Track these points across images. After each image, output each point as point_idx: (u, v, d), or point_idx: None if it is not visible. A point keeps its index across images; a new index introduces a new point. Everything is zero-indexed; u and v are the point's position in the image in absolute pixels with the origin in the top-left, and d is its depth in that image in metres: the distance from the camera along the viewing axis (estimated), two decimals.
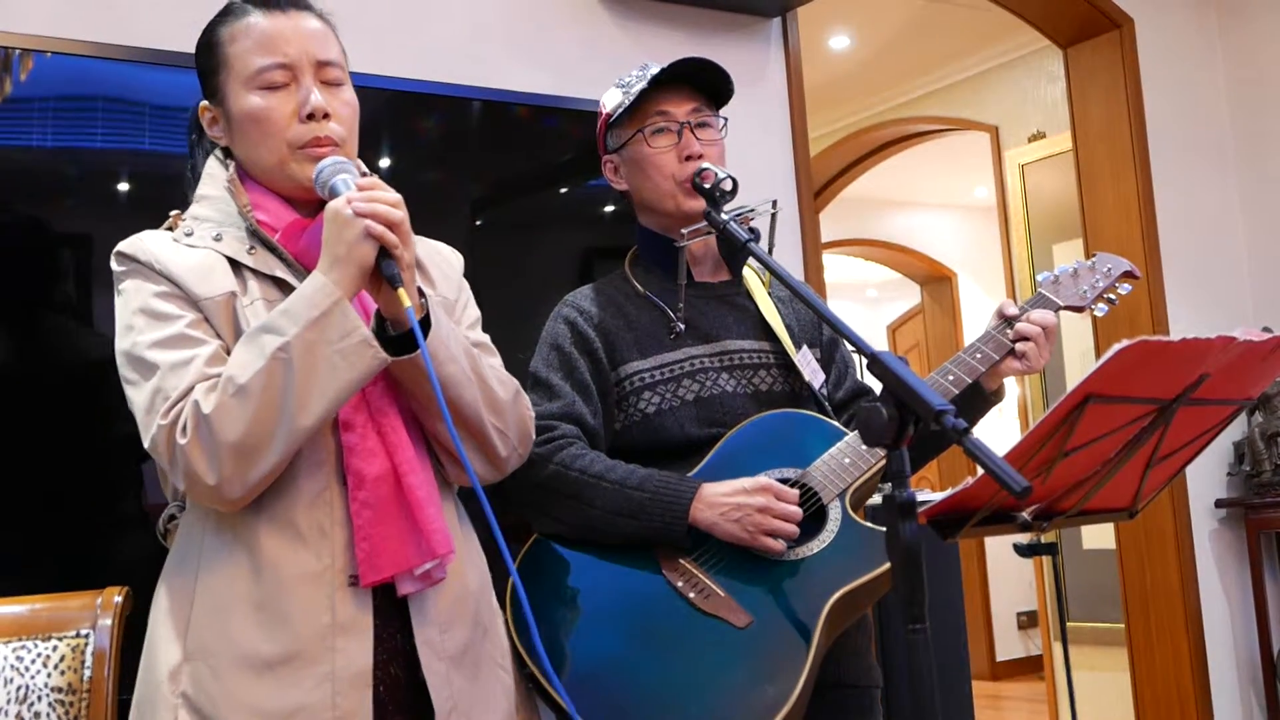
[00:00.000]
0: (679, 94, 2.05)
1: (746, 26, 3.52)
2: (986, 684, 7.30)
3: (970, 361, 2.00)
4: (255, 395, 1.41)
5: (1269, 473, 4.42)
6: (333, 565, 1.49)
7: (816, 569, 1.85)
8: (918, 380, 1.33)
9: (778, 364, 2.07)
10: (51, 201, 2.41)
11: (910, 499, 1.32)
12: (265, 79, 1.58)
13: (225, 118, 1.63)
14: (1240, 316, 4.52)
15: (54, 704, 1.77)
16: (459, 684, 1.56)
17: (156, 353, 1.48)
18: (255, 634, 1.47)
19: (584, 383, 1.98)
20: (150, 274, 1.54)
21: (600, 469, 1.89)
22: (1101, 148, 4.51)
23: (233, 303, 1.53)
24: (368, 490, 1.50)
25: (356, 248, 1.45)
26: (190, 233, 1.59)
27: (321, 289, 1.45)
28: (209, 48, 1.64)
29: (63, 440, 2.33)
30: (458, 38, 3.00)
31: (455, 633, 1.58)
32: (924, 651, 1.30)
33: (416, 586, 1.53)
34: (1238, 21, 4.77)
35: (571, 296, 2.10)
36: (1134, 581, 4.42)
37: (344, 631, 1.48)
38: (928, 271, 8.18)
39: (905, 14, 5.32)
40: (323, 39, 1.62)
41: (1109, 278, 2.14)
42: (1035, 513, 1.82)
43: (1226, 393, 1.77)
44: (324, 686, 1.46)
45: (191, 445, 1.43)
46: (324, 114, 1.58)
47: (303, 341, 1.42)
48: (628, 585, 1.88)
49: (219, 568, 1.50)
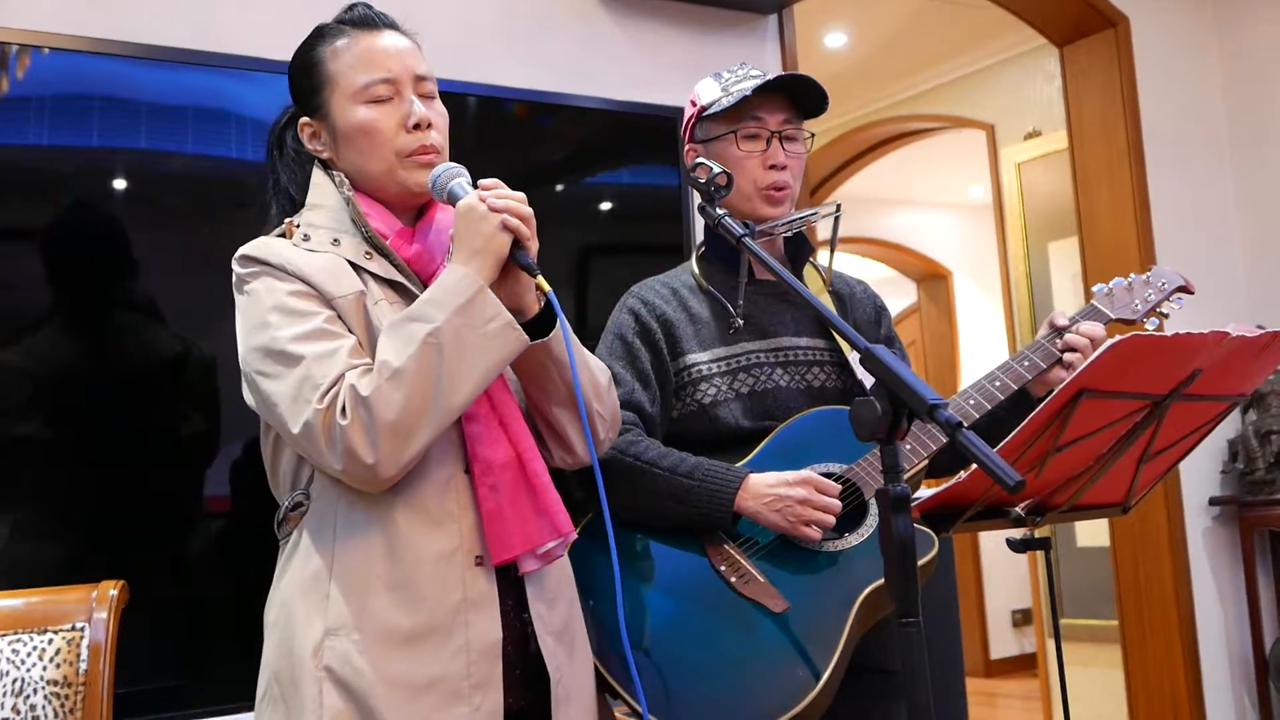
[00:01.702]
0: (775, 102, 2.12)
1: (743, 23, 3.52)
2: (981, 681, 7.31)
3: (1018, 369, 2.05)
4: (410, 377, 1.51)
5: (1262, 470, 4.43)
6: (461, 546, 1.60)
7: (853, 562, 1.92)
8: (911, 374, 1.33)
9: (832, 361, 2.14)
10: (48, 200, 2.41)
11: (903, 493, 1.33)
12: (372, 93, 1.69)
13: (330, 131, 1.72)
14: (1235, 314, 4.52)
15: (49, 697, 1.77)
16: (561, 658, 1.66)
17: (300, 345, 1.56)
18: (394, 610, 1.56)
19: (644, 372, 2.07)
20: (282, 274, 1.62)
21: (653, 455, 1.98)
22: (1097, 146, 4.52)
23: (363, 301, 1.63)
24: (495, 475, 1.61)
25: (494, 239, 1.57)
26: (308, 237, 1.68)
27: (464, 279, 1.56)
28: (309, 68, 1.73)
29: (59, 436, 2.33)
30: (454, 34, 3.00)
31: (559, 609, 1.69)
32: (917, 646, 1.31)
33: (538, 564, 1.64)
34: (1233, 19, 4.78)
35: (638, 288, 2.19)
36: (1128, 579, 4.43)
37: (474, 607, 1.58)
38: (924, 270, 8.18)
39: (901, 12, 5.32)
40: (416, 56, 1.74)
41: (1163, 292, 2.19)
42: (1028, 508, 1.84)
43: (1220, 388, 1.77)
44: (459, 657, 1.56)
45: (352, 425, 1.51)
46: (428, 124, 1.69)
47: (451, 327, 1.53)
48: (674, 566, 1.97)
49: (356, 547, 1.59)
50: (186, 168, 2.53)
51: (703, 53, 3.42)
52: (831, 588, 1.90)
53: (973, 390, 2.04)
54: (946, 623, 3.08)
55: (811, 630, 1.85)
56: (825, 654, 1.82)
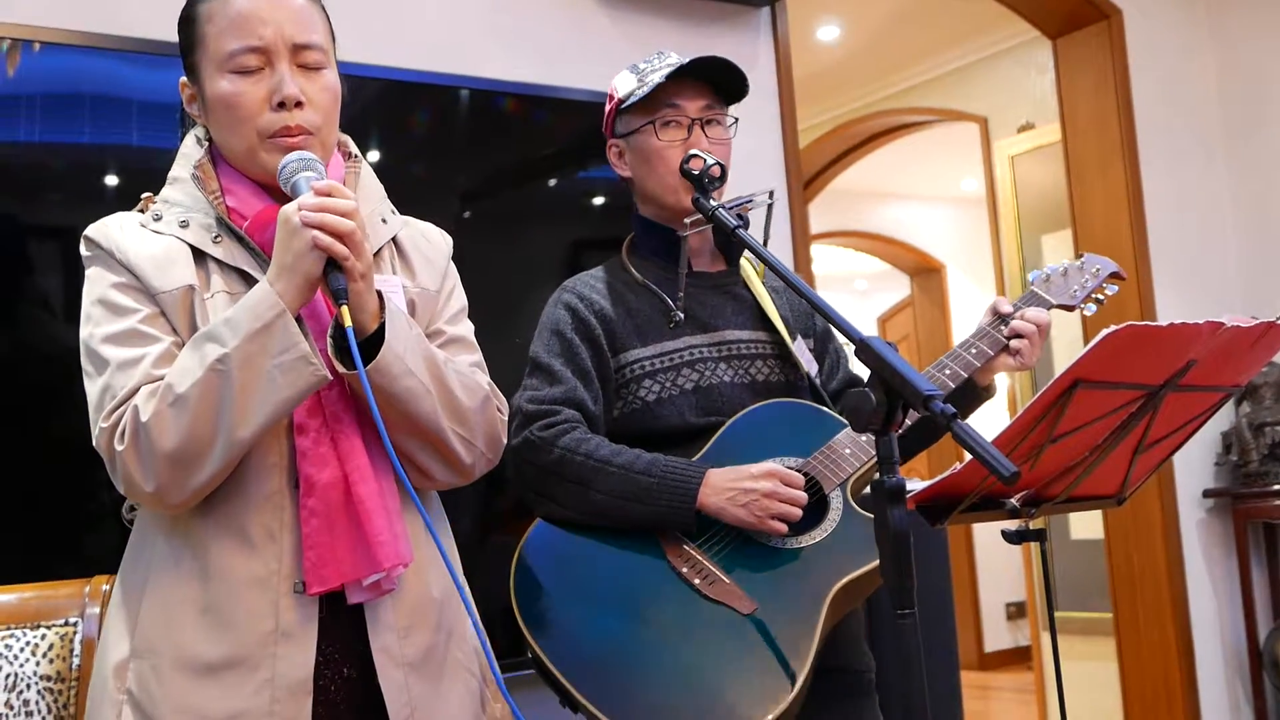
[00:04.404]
0: (693, 89, 2.05)
1: (735, 16, 3.51)
2: (975, 674, 7.32)
3: (966, 357, 2.03)
4: (192, 406, 1.39)
5: (1256, 462, 4.43)
6: (279, 571, 1.47)
7: (819, 558, 1.88)
8: (906, 365, 1.33)
9: (775, 354, 2.10)
10: (38, 196, 2.40)
11: (899, 484, 1.33)
12: (237, 63, 1.52)
13: (201, 98, 1.58)
14: (1228, 306, 4.53)
15: (43, 692, 1.77)
16: (419, 690, 1.53)
17: (109, 348, 1.47)
18: (199, 637, 1.45)
19: (585, 369, 2.00)
20: (111, 263, 1.52)
21: (606, 453, 1.91)
22: (1090, 138, 4.52)
23: (190, 297, 1.50)
24: (317, 497, 1.47)
25: (303, 259, 1.42)
26: (159, 217, 1.56)
27: (265, 299, 1.41)
28: (187, 23, 1.58)
29: (50, 431, 2.32)
30: (444, 27, 2.99)
31: (415, 638, 1.55)
32: (912, 638, 1.31)
33: (366, 596, 1.50)
34: (1226, 11, 4.78)
35: (572, 282, 2.11)
36: (1121, 571, 4.44)
37: (286, 639, 1.46)
38: (917, 263, 8.18)
39: (894, 4, 5.31)
40: (304, 19, 1.55)
41: (1097, 278, 2.18)
42: (1023, 499, 1.83)
43: (1214, 379, 1.77)
44: (263, 693, 1.44)
45: (128, 452, 1.41)
46: (296, 102, 1.52)
47: (242, 354, 1.39)
48: (632, 570, 1.89)
49: (168, 568, 1.49)
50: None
51: (696, 46, 3.41)
52: (799, 586, 1.85)
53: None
54: (941, 615, 3.08)
55: (782, 631, 1.80)
56: (800, 654, 1.77)
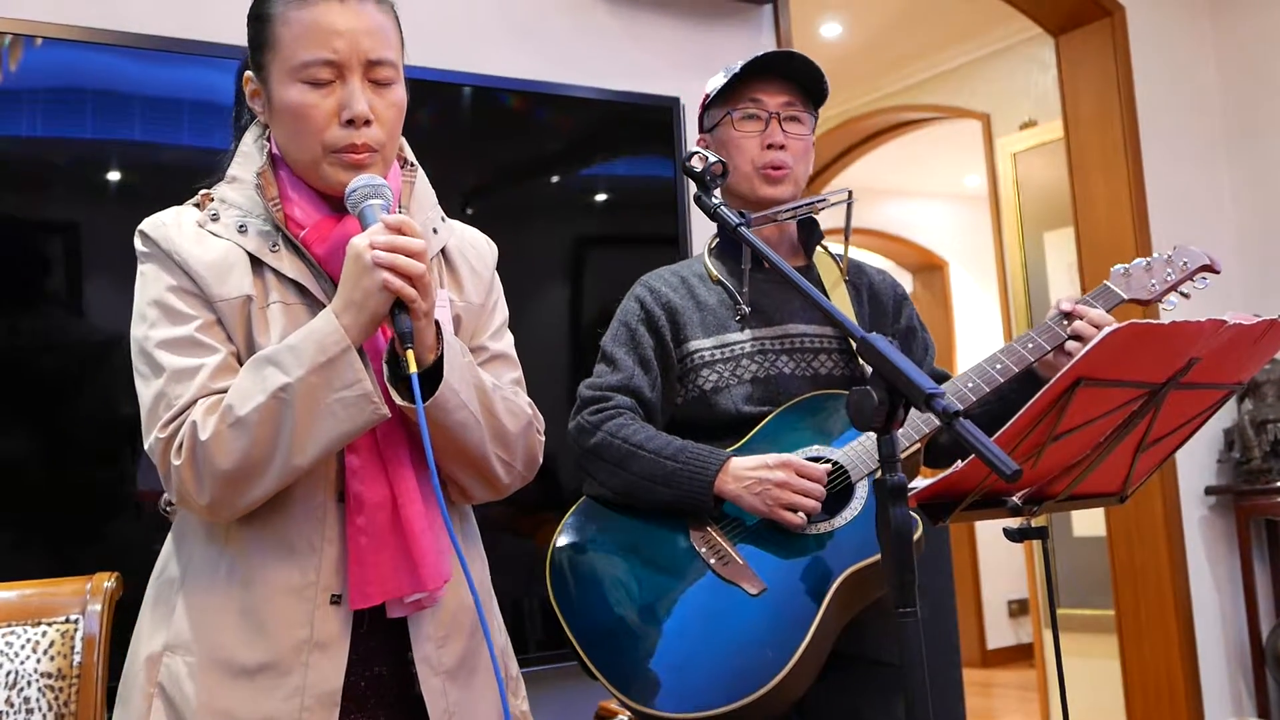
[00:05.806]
0: (777, 85, 2.15)
1: (738, 13, 3.51)
2: (977, 671, 7.32)
3: (1020, 351, 2.05)
4: (251, 429, 1.40)
5: (1258, 460, 4.43)
6: (317, 582, 1.48)
7: (835, 544, 1.92)
8: (908, 364, 1.33)
9: (840, 349, 2.15)
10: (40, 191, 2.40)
11: (900, 483, 1.32)
12: (309, 74, 1.49)
13: (267, 98, 1.55)
14: (1231, 303, 4.52)
15: (43, 689, 1.77)
16: (455, 695, 1.56)
17: (164, 354, 1.47)
18: (235, 639, 1.47)
19: (646, 358, 2.10)
20: (170, 264, 1.51)
21: (641, 438, 2.00)
22: (1093, 136, 4.51)
23: (247, 307, 1.50)
24: (366, 515, 1.49)
25: (372, 297, 1.42)
26: (216, 216, 1.54)
27: (332, 334, 1.42)
28: (259, 20, 1.55)
29: (53, 427, 2.32)
30: (448, 24, 2.99)
31: (452, 646, 1.57)
32: (914, 635, 1.31)
33: (405, 611, 1.53)
34: (1229, 8, 4.77)
35: (647, 276, 2.21)
36: (1124, 568, 4.43)
37: (319, 649, 1.47)
38: (919, 260, 8.18)
39: (896, 2, 5.31)
40: (379, 34, 1.52)
41: (1184, 271, 2.15)
42: (1025, 497, 1.83)
43: (1216, 376, 1.77)
44: (293, 700, 1.46)
45: (185, 467, 1.43)
46: (365, 120, 1.50)
47: (305, 385, 1.40)
48: (657, 548, 1.99)
49: (206, 569, 1.51)
50: (181, 159, 2.52)
51: (699, 42, 3.42)
52: (811, 570, 1.90)
53: (972, 373, 2.03)
54: (943, 613, 3.08)
55: (785, 612, 1.86)
56: (797, 636, 1.82)
